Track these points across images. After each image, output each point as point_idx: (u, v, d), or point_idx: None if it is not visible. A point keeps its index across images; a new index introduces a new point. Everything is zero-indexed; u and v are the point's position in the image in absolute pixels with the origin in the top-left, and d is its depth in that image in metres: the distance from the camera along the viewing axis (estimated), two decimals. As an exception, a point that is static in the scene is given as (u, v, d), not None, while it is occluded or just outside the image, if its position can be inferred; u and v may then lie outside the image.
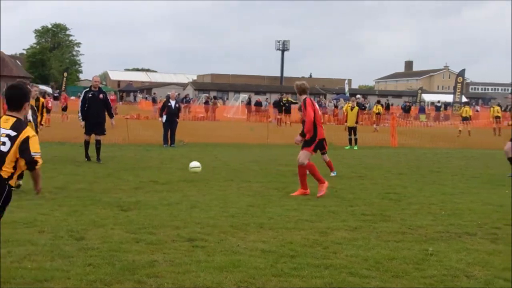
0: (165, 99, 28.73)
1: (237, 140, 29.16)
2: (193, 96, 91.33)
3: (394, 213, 10.97)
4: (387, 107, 59.67)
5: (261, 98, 72.43)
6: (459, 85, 59.77)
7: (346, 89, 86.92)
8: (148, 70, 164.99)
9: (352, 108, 27.90)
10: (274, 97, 78.43)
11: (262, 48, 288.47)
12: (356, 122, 27.70)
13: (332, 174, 15.93)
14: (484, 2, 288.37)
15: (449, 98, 74.31)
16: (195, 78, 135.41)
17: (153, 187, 13.45)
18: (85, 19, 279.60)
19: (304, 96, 12.92)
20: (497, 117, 38.33)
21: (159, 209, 10.79)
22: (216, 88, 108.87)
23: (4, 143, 6.05)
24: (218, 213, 10.50)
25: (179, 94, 76.64)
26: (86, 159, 18.03)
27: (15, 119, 6.21)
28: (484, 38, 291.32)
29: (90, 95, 18.07)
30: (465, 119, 39.57)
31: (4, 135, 6.07)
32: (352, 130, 27.42)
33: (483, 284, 6.81)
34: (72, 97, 68.73)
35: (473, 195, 13.15)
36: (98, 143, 18.23)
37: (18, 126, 6.15)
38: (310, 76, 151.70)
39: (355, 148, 26.74)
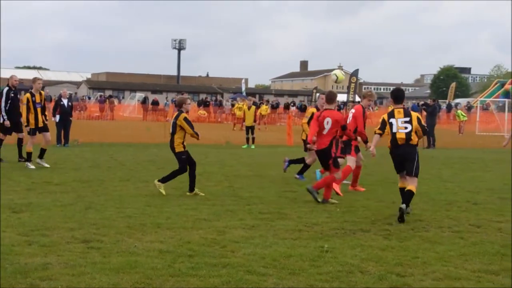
0: (57, 99, 28.01)
1: (133, 139, 28.78)
2: (87, 94, 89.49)
3: (291, 211, 11.10)
4: (286, 107, 60.64)
5: (159, 97, 71.82)
6: (353, 85, 61.16)
7: (243, 88, 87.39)
8: (40, 68, 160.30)
9: (249, 108, 28.18)
10: (171, 96, 77.99)
11: (158, 47, 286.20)
12: (254, 121, 27.97)
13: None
14: (380, 2, 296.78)
15: (343, 97, 75.99)
16: (89, 76, 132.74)
17: (46, 188, 13.07)
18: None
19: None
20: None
21: (52, 210, 10.50)
22: (112, 86, 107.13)
23: None
24: (114, 214, 10.32)
25: (76, 94, 75.23)
26: None
27: None
28: (376, 39, 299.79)
29: (12, 95, 17.49)
30: None
31: None
32: (250, 129, 27.60)
33: (376, 279, 6.97)
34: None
35: (367, 193, 13.49)
36: (20, 141, 17.87)
37: None
38: (207, 75, 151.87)
39: (253, 147, 26.91)
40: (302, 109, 60.92)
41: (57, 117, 24.68)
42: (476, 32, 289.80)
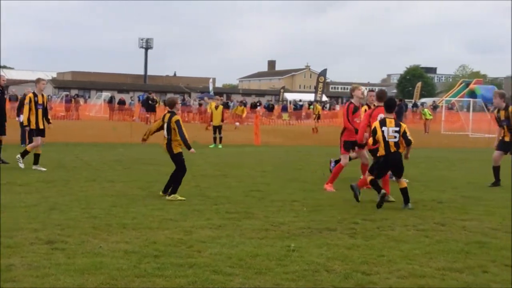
0: (22, 98, 27.63)
1: (99, 139, 28.56)
2: (52, 94, 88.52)
3: (258, 210, 11.10)
4: (254, 106, 60.72)
5: (125, 96, 71.35)
6: (320, 85, 61.49)
7: (211, 88, 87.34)
8: (4, 67, 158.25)
9: (217, 107, 28.18)
10: (138, 95, 77.41)
11: (125, 46, 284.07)
12: (222, 121, 27.99)
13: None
14: (346, 2, 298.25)
15: (311, 97, 76.34)
16: (55, 75, 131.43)
17: (9, 188, 12.89)
18: None
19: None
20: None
21: (16, 211, 10.36)
22: (77, 86, 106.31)
23: None
24: (79, 214, 10.23)
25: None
26: None
27: None
28: (344, 38, 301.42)
29: None
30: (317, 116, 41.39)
31: None
32: (217, 128, 27.57)
33: (342, 278, 7.00)
34: None
35: (334, 192, 13.53)
36: (0, 143, 17.60)
37: None
38: (175, 74, 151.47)
39: (220, 146, 26.88)
40: (270, 108, 61.05)
41: (21, 116, 24.35)
42: (442, 32, 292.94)
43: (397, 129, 11.81)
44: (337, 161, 15.16)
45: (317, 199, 12.46)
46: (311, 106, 56.92)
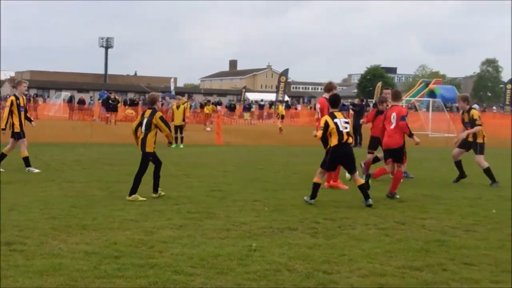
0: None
1: (58, 139, 28.20)
2: (11, 93, 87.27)
3: (219, 210, 11.09)
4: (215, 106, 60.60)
5: (85, 96, 70.63)
6: (282, 84, 61.62)
7: (172, 88, 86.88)
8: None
9: (178, 107, 28.11)
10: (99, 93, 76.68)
11: (85, 45, 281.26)
12: (183, 121, 27.95)
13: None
14: (307, 2, 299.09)
15: (272, 96, 76.49)
16: (13, 75, 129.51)
17: (-33, 189, 12.67)
18: None
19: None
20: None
21: (-27, 212, 10.18)
22: (36, 85, 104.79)
23: None
24: (38, 215, 10.10)
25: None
26: None
27: None
28: (305, 39, 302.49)
29: None
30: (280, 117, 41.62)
31: None
32: (178, 128, 27.47)
33: (303, 277, 7.02)
34: None
35: (295, 191, 13.58)
36: None
37: None
38: (135, 74, 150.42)
39: (181, 146, 26.77)
40: (232, 108, 61.00)
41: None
42: (401, 33, 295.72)
43: (347, 120, 12.16)
44: (366, 163, 16.12)
45: (279, 199, 12.49)
46: (273, 106, 57.11)
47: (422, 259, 7.95)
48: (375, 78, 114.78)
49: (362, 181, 12.20)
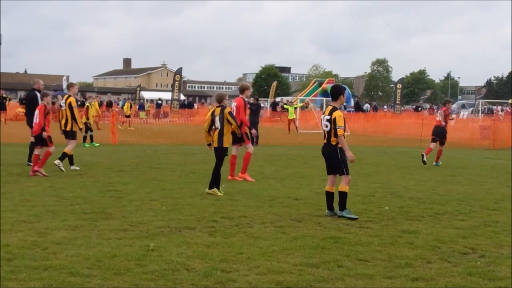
0: None
1: None
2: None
3: (115, 210, 10.93)
4: (108, 105, 59.70)
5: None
6: (177, 83, 61.38)
7: (64, 86, 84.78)
8: None
9: (91, 105, 28.20)
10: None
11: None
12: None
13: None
14: (204, 2, 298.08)
15: (168, 95, 76.04)
16: None
17: None
18: None
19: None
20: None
21: None
22: None
23: None
24: None
25: None
26: None
27: None
28: (199, 38, 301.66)
29: None
30: None
31: None
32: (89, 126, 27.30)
33: (202, 276, 7.02)
34: None
35: (192, 190, 13.55)
36: None
37: None
38: (25, 72, 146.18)
39: (96, 144, 26.17)
40: (108, 104, 60.45)
41: None
42: (294, 33, 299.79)
43: (328, 118, 10.89)
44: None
45: (176, 198, 12.43)
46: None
47: (318, 256, 8.10)
48: (270, 78, 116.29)
49: (346, 188, 10.98)
